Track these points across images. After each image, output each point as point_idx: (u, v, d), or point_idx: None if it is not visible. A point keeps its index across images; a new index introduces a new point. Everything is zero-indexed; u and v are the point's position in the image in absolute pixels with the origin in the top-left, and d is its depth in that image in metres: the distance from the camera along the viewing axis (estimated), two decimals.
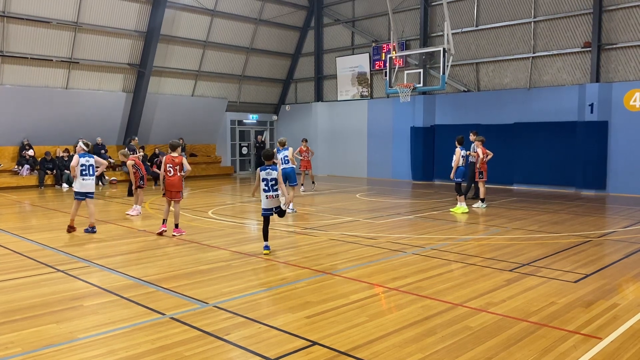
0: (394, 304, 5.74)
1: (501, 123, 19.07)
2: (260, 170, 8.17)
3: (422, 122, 21.38)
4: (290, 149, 13.11)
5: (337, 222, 11.28)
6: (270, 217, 8.30)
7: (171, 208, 9.95)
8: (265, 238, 8.29)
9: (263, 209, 8.23)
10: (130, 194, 16.95)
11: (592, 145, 16.98)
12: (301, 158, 17.43)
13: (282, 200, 8.13)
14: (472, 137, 14.10)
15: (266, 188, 8.12)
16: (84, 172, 9.87)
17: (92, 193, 10.04)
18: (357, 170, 24.12)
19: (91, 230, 9.91)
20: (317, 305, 5.62)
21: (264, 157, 8.30)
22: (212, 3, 22.43)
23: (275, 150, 12.82)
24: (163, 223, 9.99)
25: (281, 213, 8.24)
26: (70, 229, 9.96)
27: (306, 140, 18.02)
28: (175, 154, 9.85)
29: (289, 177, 12.62)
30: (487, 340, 4.64)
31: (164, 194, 9.93)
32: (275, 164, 8.28)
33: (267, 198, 8.14)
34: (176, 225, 9.86)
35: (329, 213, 12.66)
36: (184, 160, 9.93)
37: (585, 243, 9.02)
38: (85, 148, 10.08)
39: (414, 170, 21.74)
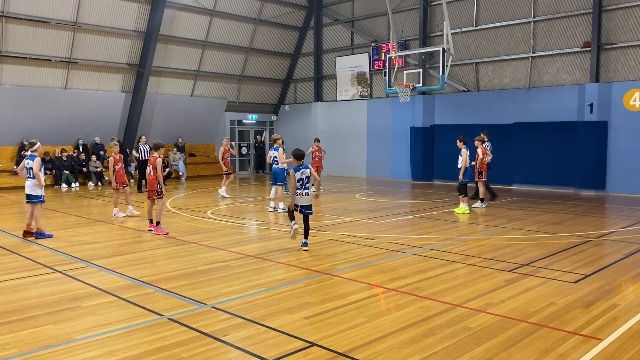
0: (393, 304, 5.71)
1: (501, 123, 19.06)
2: (295, 172, 8.28)
3: (422, 122, 21.37)
4: (280, 149, 13.05)
5: (336, 223, 11.26)
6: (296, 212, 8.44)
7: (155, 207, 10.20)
8: (292, 219, 8.41)
9: (296, 205, 8.35)
10: (140, 189, 17.27)
11: (592, 145, 16.97)
12: (312, 157, 17.43)
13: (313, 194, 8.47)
14: (482, 136, 14.35)
15: (300, 187, 8.28)
16: (26, 174, 9.50)
17: (32, 197, 9.42)
18: (357, 170, 24.11)
19: (40, 235, 9.52)
20: (315, 306, 5.60)
21: (297, 157, 8.45)
22: (211, 3, 22.41)
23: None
24: (150, 222, 10.27)
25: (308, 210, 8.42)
26: (26, 233, 9.61)
27: (318, 140, 17.97)
28: (156, 154, 10.08)
29: (278, 177, 12.79)
30: (486, 341, 4.62)
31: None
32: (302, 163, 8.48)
33: (298, 195, 8.29)
34: (156, 224, 10.05)
35: (328, 213, 12.64)
36: (157, 162, 9.97)
37: (585, 243, 9.01)
38: (28, 148, 9.68)
39: (414, 170, 21.72)
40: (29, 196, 9.50)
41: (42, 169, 9.54)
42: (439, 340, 4.66)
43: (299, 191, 8.27)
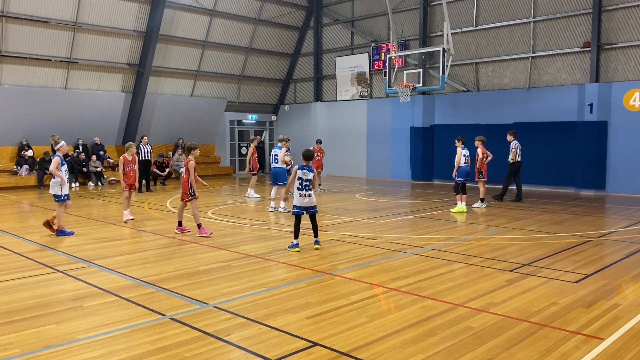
0: (395, 304, 5.72)
1: (501, 123, 19.05)
2: (298, 169, 8.25)
3: (422, 122, 21.38)
4: (284, 149, 13.13)
5: (337, 222, 11.27)
6: (302, 216, 8.36)
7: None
8: (296, 235, 8.37)
9: (295, 206, 8.30)
10: (140, 189, 17.20)
11: (592, 145, 16.99)
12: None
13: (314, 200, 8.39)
14: (509, 137, 14.60)
15: (300, 187, 8.22)
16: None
17: (55, 196, 9.69)
18: (357, 170, 24.12)
19: (61, 232, 9.70)
20: (317, 306, 5.61)
21: (304, 157, 8.44)
22: (211, 3, 22.41)
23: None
24: (178, 225, 10.15)
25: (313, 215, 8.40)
26: (46, 224, 9.82)
27: (320, 142, 18.16)
28: (190, 157, 10.16)
29: (278, 177, 12.80)
30: (488, 341, 4.63)
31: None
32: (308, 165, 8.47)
33: (300, 196, 8.24)
34: (198, 226, 9.89)
35: (328, 213, 12.64)
36: (190, 164, 10.10)
37: (586, 243, 9.02)
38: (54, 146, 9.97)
39: (414, 170, 21.73)
40: (53, 195, 9.73)
41: (64, 167, 9.68)
42: (441, 340, 4.67)
43: (301, 192, 8.21)
